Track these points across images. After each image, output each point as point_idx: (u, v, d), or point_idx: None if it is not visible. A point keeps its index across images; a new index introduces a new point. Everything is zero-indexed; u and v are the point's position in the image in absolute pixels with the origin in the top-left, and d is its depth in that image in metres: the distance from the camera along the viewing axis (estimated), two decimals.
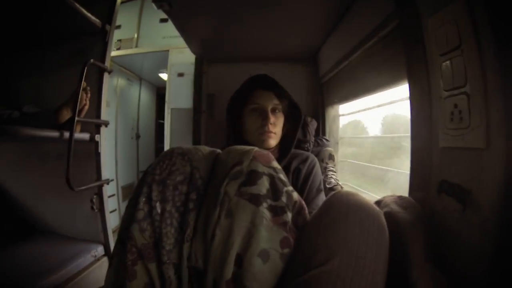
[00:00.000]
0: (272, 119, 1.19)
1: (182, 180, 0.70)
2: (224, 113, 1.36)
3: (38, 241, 1.74)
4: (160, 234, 0.66)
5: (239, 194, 0.64)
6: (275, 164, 0.70)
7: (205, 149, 0.78)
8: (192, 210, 0.68)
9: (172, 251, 0.66)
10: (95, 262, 1.66)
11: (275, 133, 1.21)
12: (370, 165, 1.59)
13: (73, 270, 1.48)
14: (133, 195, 0.72)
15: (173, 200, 0.68)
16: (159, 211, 0.67)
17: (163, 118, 3.45)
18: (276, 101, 1.22)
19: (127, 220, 0.70)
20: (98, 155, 1.71)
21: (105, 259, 1.71)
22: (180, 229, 0.67)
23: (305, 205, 0.72)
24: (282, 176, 0.69)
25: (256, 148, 0.72)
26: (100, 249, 1.72)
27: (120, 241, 0.71)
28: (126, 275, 0.65)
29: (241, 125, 1.28)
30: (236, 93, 1.34)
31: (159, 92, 4.95)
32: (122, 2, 3.41)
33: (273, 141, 1.22)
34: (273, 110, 1.22)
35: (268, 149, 1.21)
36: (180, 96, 3.24)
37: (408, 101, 0.84)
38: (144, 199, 0.69)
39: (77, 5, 1.45)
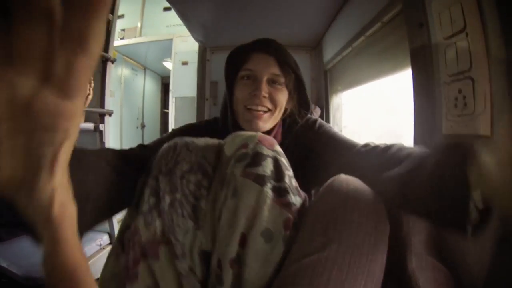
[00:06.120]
0: (266, 89, 0.91)
1: (189, 169, 0.68)
2: None
3: None
4: (172, 225, 0.64)
5: (244, 174, 0.62)
6: (278, 148, 0.69)
7: (206, 139, 0.76)
8: (205, 196, 0.66)
9: (185, 242, 0.63)
10: (100, 251, 1.69)
11: (270, 111, 0.93)
12: None
13: None
14: (136, 192, 0.70)
15: (181, 189, 0.66)
16: (168, 201, 0.65)
17: (168, 107, 3.45)
18: (276, 70, 0.92)
19: (130, 217, 0.68)
20: (102, 144, 1.73)
21: (110, 247, 1.74)
22: (195, 217, 0.65)
23: (304, 194, 0.72)
24: (284, 160, 0.68)
25: (260, 133, 0.71)
26: (105, 238, 1.75)
27: (119, 240, 0.68)
28: (126, 276, 0.62)
29: (231, 101, 0.99)
30: (229, 57, 1.01)
31: (164, 81, 4.96)
32: None
33: (265, 124, 0.93)
34: (271, 81, 0.93)
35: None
36: (184, 85, 3.23)
37: (412, 87, 0.82)
38: (149, 191, 0.67)
39: None
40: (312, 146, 0.97)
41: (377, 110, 1.49)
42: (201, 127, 1.00)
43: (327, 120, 1.93)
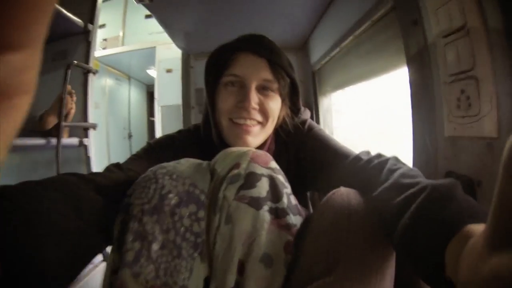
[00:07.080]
0: (256, 99, 0.77)
1: (178, 203, 0.59)
2: None
3: None
4: (168, 267, 0.56)
5: (238, 198, 0.58)
6: (274, 164, 0.64)
7: (189, 161, 0.67)
8: (204, 230, 0.59)
9: (187, 284, 0.56)
10: (93, 269, 1.64)
11: (261, 123, 0.80)
12: None
13: None
14: (115, 236, 0.58)
15: (174, 227, 0.57)
16: (159, 244, 0.56)
17: (154, 116, 3.42)
18: (268, 75, 0.78)
19: (112, 269, 0.57)
20: (88, 159, 1.69)
21: (103, 265, 1.69)
22: (198, 255, 0.58)
23: (305, 211, 0.68)
24: (281, 177, 0.63)
25: (252, 149, 0.66)
26: (98, 256, 1.70)
27: None
28: None
29: (214, 111, 0.83)
30: (210, 59, 0.86)
31: (149, 89, 4.93)
32: (104, 0, 3.33)
33: (256, 138, 0.80)
34: (262, 88, 0.79)
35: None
36: (169, 92, 3.21)
37: (408, 87, 0.79)
38: (132, 236, 0.56)
39: (57, 5, 1.40)
40: (302, 149, 0.87)
41: (369, 110, 1.46)
42: (180, 139, 0.88)
43: (317, 122, 1.90)
